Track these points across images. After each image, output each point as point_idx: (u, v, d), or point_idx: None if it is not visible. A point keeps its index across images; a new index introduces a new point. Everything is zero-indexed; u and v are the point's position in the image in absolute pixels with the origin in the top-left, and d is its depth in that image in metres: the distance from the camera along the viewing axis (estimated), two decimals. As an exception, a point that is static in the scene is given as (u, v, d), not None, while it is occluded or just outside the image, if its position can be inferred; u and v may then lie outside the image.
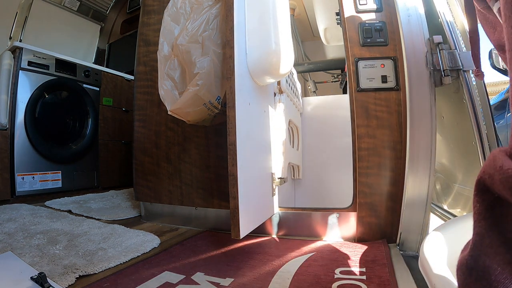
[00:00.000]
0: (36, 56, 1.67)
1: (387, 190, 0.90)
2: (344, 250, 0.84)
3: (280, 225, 0.99)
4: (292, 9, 1.83)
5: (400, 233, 0.86)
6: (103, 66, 2.61)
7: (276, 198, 0.94)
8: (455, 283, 0.27)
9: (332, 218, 0.95)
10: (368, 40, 0.92)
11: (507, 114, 2.02)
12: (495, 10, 0.38)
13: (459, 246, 0.26)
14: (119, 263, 0.75)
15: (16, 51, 1.61)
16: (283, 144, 0.96)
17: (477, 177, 0.23)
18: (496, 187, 0.21)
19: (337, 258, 0.78)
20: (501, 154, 0.21)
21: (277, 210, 0.97)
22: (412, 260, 0.78)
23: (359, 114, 0.92)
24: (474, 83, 0.88)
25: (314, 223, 0.96)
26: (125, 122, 2.19)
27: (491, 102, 0.88)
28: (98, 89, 2.01)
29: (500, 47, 0.46)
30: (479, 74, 0.49)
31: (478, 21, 0.43)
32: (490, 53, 1.03)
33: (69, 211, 1.35)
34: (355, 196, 0.92)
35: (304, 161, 1.33)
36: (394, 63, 0.91)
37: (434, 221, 1.05)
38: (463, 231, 0.45)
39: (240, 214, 0.66)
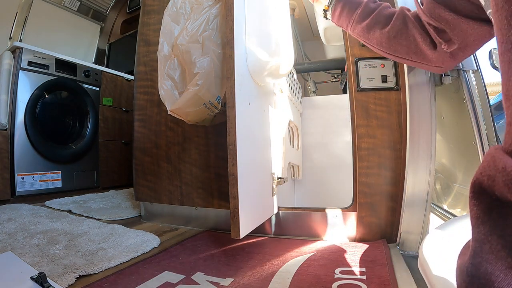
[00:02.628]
0: (36, 56, 1.67)
1: (387, 190, 0.90)
2: (344, 250, 0.84)
3: (280, 225, 0.99)
4: (292, 9, 1.83)
5: (400, 233, 0.86)
6: (103, 66, 2.61)
7: (276, 198, 0.94)
8: (455, 284, 0.27)
9: (332, 218, 0.95)
10: (368, 40, 0.91)
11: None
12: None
13: (458, 246, 0.26)
14: (119, 263, 0.75)
15: (16, 51, 1.61)
16: (283, 144, 0.96)
17: (473, 178, 0.22)
18: (498, 189, 0.20)
19: (337, 258, 0.78)
20: (500, 153, 0.20)
21: (277, 210, 0.97)
22: (412, 260, 0.78)
23: (359, 114, 0.92)
24: (474, 83, 0.88)
25: (314, 223, 0.96)
26: (125, 122, 2.19)
27: (491, 102, 0.88)
28: (98, 89, 2.01)
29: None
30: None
31: None
32: (490, 53, 1.03)
33: (69, 211, 1.35)
34: (355, 196, 0.92)
35: (304, 161, 1.33)
36: (394, 63, 0.91)
37: (434, 221, 1.05)
38: (463, 230, 0.45)
39: (240, 214, 0.66)
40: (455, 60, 0.61)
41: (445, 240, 0.44)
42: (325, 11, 0.77)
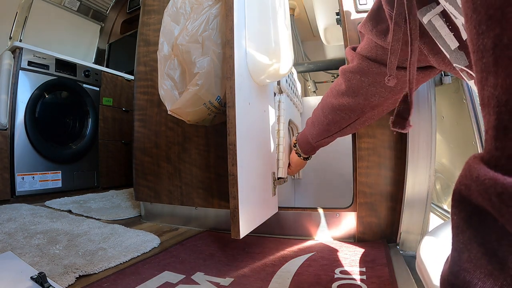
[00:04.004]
0: (36, 56, 1.67)
1: (387, 190, 0.90)
2: (344, 250, 0.84)
3: (280, 225, 0.99)
4: (292, 9, 1.83)
5: (400, 233, 0.86)
6: (103, 66, 2.61)
7: (276, 198, 0.94)
8: None
9: (332, 218, 0.95)
10: (368, 40, 0.91)
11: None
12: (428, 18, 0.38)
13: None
14: (119, 263, 0.75)
15: (16, 51, 1.62)
16: (283, 144, 0.96)
17: (454, 187, 0.22)
18: (474, 198, 0.20)
19: (337, 258, 0.78)
20: (476, 161, 0.20)
21: (277, 210, 0.97)
22: (412, 260, 0.78)
23: (359, 114, 0.92)
24: (474, 83, 0.87)
25: (314, 223, 0.96)
26: (125, 122, 2.19)
27: (491, 102, 0.88)
28: (98, 89, 2.01)
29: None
30: (390, 81, 0.48)
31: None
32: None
33: (69, 211, 1.35)
34: (355, 196, 0.92)
35: (304, 161, 1.33)
36: (394, 63, 0.91)
37: (434, 221, 1.05)
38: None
39: (240, 214, 0.66)
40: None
41: (443, 241, 0.44)
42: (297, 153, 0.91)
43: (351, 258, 0.77)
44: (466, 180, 0.21)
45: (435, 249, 0.42)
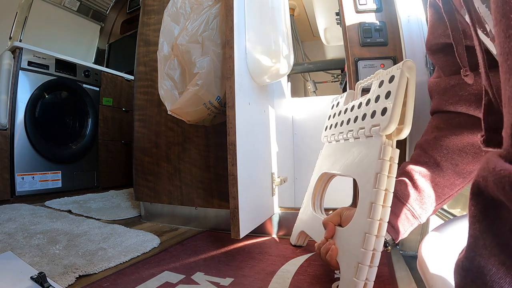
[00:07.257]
0: (36, 56, 1.67)
1: (387, 190, 0.90)
2: (344, 250, 0.84)
3: (280, 225, 0.99)
4: (292, 9, 1.83)
5: (400, 233, 0.86)
6: (103, 66, 2.61)
7: (276, 198, 0.94)
8: (453, 284, 0.27)
9: (332, 218, 0.95)
10: (368, 40, 0.92)
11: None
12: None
13: (457, 246, 0.26)
14: (119, 263, 0.75)
15: (16, 51, 1.62)
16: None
17: (472, 180, 0.23)
18: (490, 189, 0.21)
19: (337, 258, 0.78)
20: (494, 156, 0.22)
21: (277, 210, 0.97)
22: (412, 260, 0.78)
23: (359, 114, 0.92)
24: (474, 83, 0.87)
25: (314, 223, 0.96)
26: (125, 122, 2.20)
27: (491, 102, 0.88)
28: (98, 89, 2.01)
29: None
30: (467, 75, 0.46)
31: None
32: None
33: (69, 211, 1.35)
34: (355, 195, 0.92)
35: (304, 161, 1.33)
36: (394, 63, 0.91)
37: (434, 221, 1.05)
38: (462, 230, 0.45)
39: (240, 214, 0.66)
40: None
41: (444, 241, 0.44)
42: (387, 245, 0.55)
43: (351, 258, 0.77)
44: (483, 172, 0.22)
45: (436, 248, 0.42)
